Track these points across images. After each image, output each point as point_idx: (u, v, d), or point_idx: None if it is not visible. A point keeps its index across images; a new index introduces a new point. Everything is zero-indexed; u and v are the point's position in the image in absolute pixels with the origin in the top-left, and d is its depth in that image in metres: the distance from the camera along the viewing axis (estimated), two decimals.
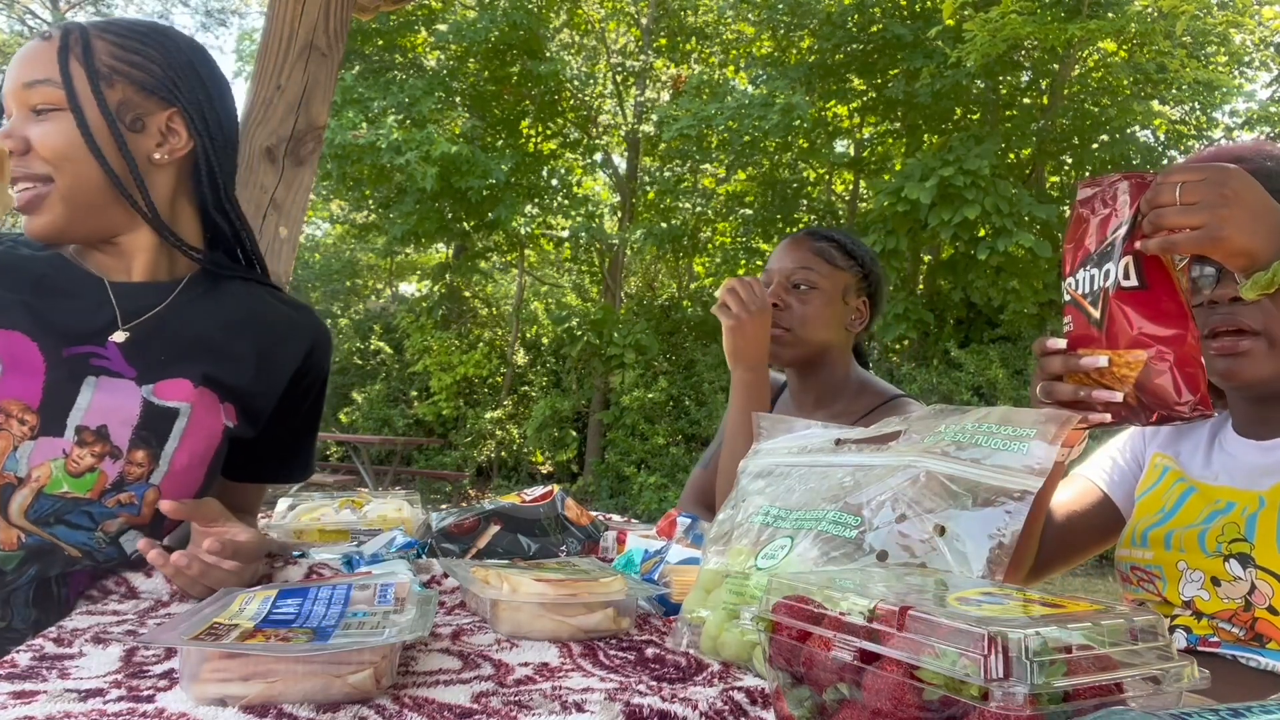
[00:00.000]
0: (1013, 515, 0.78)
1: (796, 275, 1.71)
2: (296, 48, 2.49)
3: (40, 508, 1.08)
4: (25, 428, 1.06)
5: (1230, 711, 0.46)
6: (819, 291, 1.71)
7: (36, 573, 1.09)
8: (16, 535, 1.07)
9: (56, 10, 16.47)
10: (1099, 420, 0.91)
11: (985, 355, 8.63)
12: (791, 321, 1.69)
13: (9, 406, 1.06)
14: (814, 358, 1.73)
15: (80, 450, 1.08)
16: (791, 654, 0.61)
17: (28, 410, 1.06)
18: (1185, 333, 0.89)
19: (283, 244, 2.45)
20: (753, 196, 12.03)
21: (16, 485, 1.07)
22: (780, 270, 1.72)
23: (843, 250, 1.75)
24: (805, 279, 1.71)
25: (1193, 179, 0.86)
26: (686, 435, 10.50)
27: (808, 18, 10.46)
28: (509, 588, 0.92)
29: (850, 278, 1.75)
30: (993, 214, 8.35)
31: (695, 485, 1.87)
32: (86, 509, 1.10)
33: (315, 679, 0.67)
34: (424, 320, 12.62)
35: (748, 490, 1.00)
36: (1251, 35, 9.99)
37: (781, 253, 1.76)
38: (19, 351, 1.06)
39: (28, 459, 1.07)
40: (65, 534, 1.10)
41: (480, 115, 11.91)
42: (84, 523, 1.11)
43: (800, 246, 1.75)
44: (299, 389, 1.28)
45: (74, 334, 1.10)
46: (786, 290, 1.70)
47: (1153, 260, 0.90)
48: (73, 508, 1.09)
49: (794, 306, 1.69)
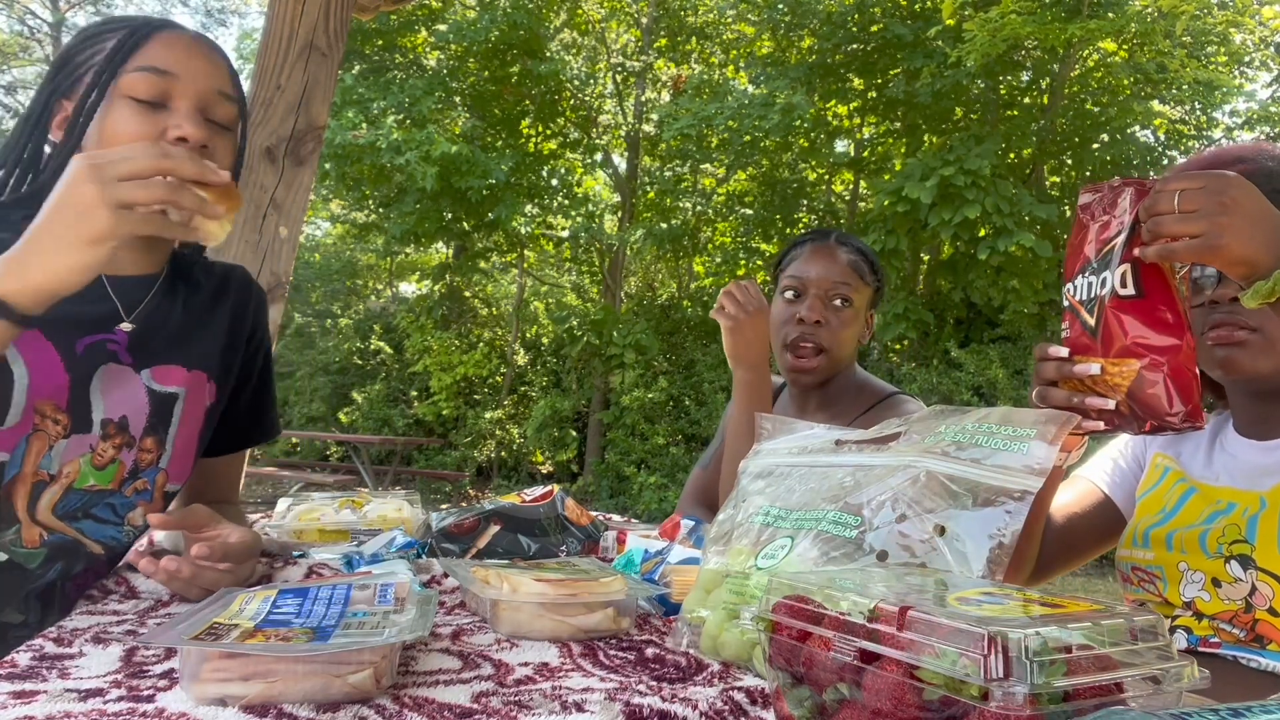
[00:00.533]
0: (1013, 515, 0.78)
1: (837, 290, 1.66)
2: (296, 48, 2.49)
3: (68, 503, 1.11)
4: (59, 427, 1.08)
5: (1230, 711, 0.46)
6: (853, 309, 1.68)
7: (61, 570, 1.11)
8: (39, 533, 1.09)
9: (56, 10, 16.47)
10: (1092, 428, 0.91)
11: (985, 355, 8.62)
12: (830, 341, 1.66)
13: (43, 407, 1.06)
14: (834, 374, 1.72)
15: (104, 444, 1.11)
16: (791, 654, 0.61)
17: (59, 410, 1.08)
18: (1181, 342, 0.88)
19: (283, 244, 2.45)
20: (753, 196, 12.03)
21: (48, 482, 1.09)
22: (819, 283, 1.67)
23: (870, 264, 1.73)
24: (844, 294, 1.66)
25: (1191, 186, 0.85)
26: (686, 435, 10.50)
27: (808, 17, 10.45)
28: (509, 588, 0.92)
29: (871, 294, 1.73)
30: (993, 214, 8.35)
31: (695, 485, 1.87)
32: (110, 501, 1.14)
33: (315, 679, 0.67)
34: (424, 320, 12.62)
35: (748, 490, 1.00)
36: (1251, 35, 9.99)
37: (818, 262, 1.69)
38: (39, 350, 1.06)
39: (60, 457, 1.09)
40: (92, 529, 1.13)
41: (480, 115, 11.91)
42: (109, 516, 1.14)
43: (837, 259, 1.69)
44: (252, 347, 1.31)
45: (85, 324, 1.10)
46: (825, 305, 1.66)
47: (1151, 268, 0.89)
48: (98, 501, 1.12)
49: (832, 323, 1.66)
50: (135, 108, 1.06)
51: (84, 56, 1.10)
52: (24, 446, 1.06)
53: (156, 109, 1.07)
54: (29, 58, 16.66)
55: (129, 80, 1.06)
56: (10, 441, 1.05)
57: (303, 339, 14.22)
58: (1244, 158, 1.09)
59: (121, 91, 1.06)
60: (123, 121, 1.06)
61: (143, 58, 1.07)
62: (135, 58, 1.07)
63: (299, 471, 10.66)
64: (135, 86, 1.06)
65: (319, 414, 13.53)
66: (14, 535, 1.08)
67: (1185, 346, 0.88)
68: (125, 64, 1.07)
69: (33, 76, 16.82)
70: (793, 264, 1.73)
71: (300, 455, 13.44)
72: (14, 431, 1.05)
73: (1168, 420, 0.87)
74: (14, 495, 1.07)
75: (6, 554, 1.08)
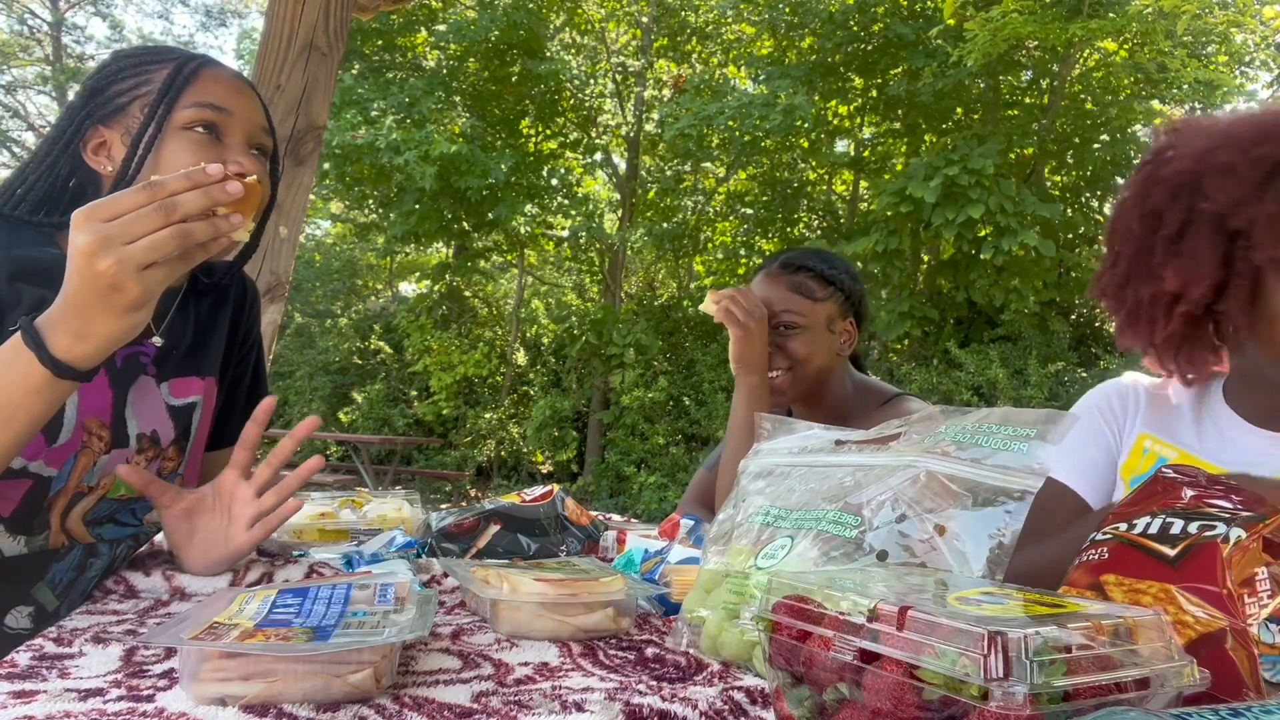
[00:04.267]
0: (1013, 515, 0.78)
1: (779, 318, 1.69)
2: (296, 48, 2.49)
3: (98, 511, 1.15)
4: (102, 444, 1.11)
5: (1230, 711, 0.46)
6: (803, 330, 1.69)
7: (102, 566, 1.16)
8: (64, 539, 1.13)
9: (56, 10, 16.46)
10: None
11: (985, 355, 8.62)
12: (786, 362, 1.69)
13: (90, 424, 1.09)
14: (816, 389, 1.73)
15: (139, 456, 1.15)
16: (791, 654, 0.61)
17: (103, 426, 1.11)
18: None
19: (283, 244, 2.46)
20: (753, 196, 12.02)
21: (85, 494, 1.13)
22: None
23: (820, 279, 1.73)
24: (787, 320, 1.69)
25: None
26: (686, 435, 10.50)
27: (809, 17, 10.45)
28: (509, 588, 0.92)
29: (832, 306, 1.73)
30: (996, 213, 8.34)
31: (698, 487, 1.87)
32: (132, 506, 1.18)
33: (315, 678, 0.67)
34: (424, 320, 12.61)
35: (748, 490, 1.00)
36: (1252, 35, 9.98)
37: (762, 292, 1.73)
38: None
39: (101, 471, 1.13)
40: (112, 531, 1.17)
41: (480, 115, 11.90)
42: (129, 520, 1.19)
43: (777, 284, 1.72)
44: (248, 344, 1.35)
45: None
46: (774, 332, 1.68)
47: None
48: (123, 507, 1.17)
49: (786, 346, 1.69)
50: (195, 141, 1.10)
51: (124, 86, 1.14)
52: (72, 463, 1.09)
53: (214, 143, 1.11)
54: (29, 57, 16.65)
55: (187, 115, 1.11)
56: (60, 458, 1.08)
57: (303, 339, 14.22)
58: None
59: (178, 125, 1.11)
60: (184, 154, 1.09)
61: (198, 93, 1.12)
62: (189, 93, 1.12)
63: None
64: (196, 120, 1.11)
65: (319, 414, 13.53)
66: (42, 540, 1.11)
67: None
68: (180, 99, 1.11)
69: (33, 76, 16.81)
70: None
71: (300, 455, 13.43)
72: (64, 449, 1.08)
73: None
74: (54, 507, 1.10)
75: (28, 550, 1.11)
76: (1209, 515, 0.71)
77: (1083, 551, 0.76)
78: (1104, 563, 0.73)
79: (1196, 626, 0.64)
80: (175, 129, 1.11)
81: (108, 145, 1.14)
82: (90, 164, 1.14)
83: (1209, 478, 0.78)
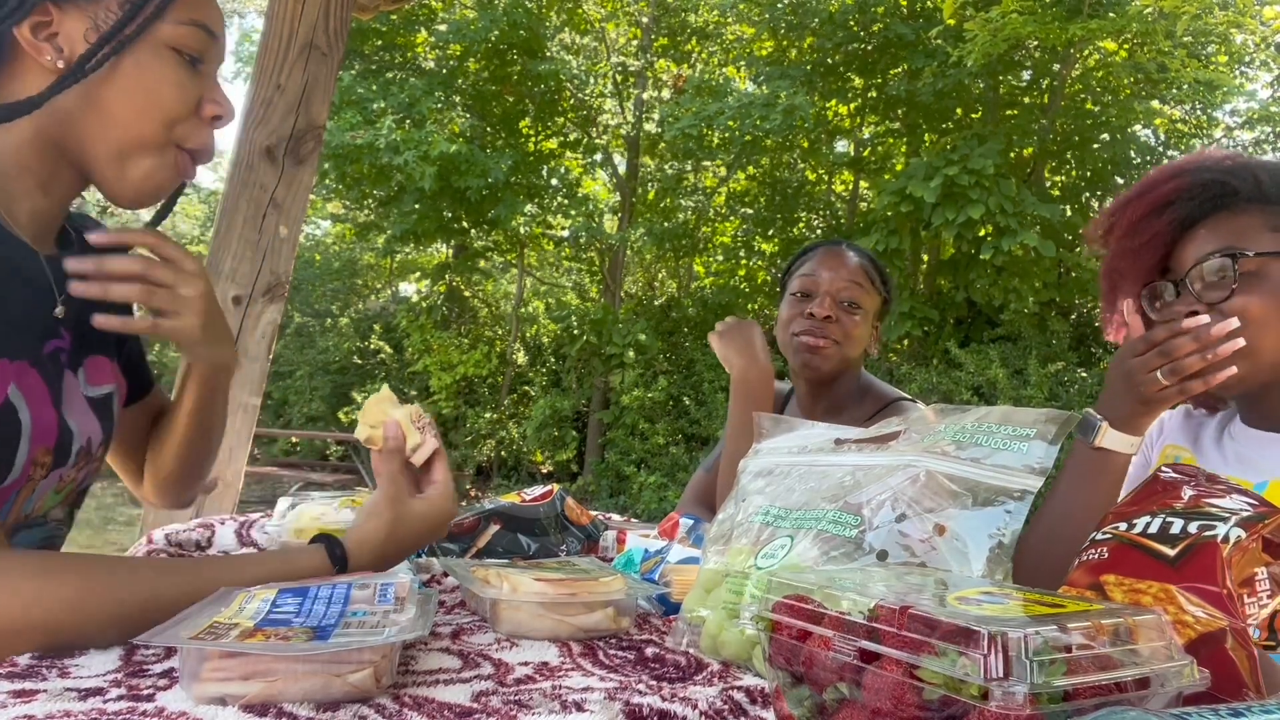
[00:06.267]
0: (1012, 515, 0.78)
1: (848, 292, 1.70)
2: (296, 47, 2.49)
3: (19, 526, 1.02)
4: (43, 469, 0.98)
5: (1230, 711, 0.46)
6: (863, 312, 1.72)
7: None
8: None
9: None
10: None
11: (985, 355, 8.62)
12: (839, 335, 1.69)
13: (37, 454, 0.96)
14: (840, 374, 1.74)
15: (72, 470, 1.03)
16: (791, 653, 0.61)
17: (47, 452, 0.98)
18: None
19: (283, 243, 2.45)
20: (753, 196, 12.02)
21: (24, 524, 1.01)
22: (830, 284, 1.70)
23: (880, 273, 1.77)
24: (855, 297, 1.70)
25: None
26: (686, 435, 10.50)
27: (809, 17, 10.45)
28: (509, 587, 0.92)
29: (878, 302, 1.76)
30: (996, 213, 8.35)
31: (696, 487, 1.87)
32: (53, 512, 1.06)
33: (315, 678, 0.67)
34: (424, 320, 12.62)
35: (748, 490, 1.00)
36: (1252, 35, 9.98)
37: (829, 265, 1.73)
38: (32, 386, 0.95)
39: (39, 497, 1.00)
40: (25, 538, 1.03)
41: (480, 115, 11.91)
42: (40, 521, 1.05)
43: (848, 262, 1.73)
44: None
45: (44, 327, 0.98)
46: (836, 304, 1.69)
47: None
48: (44, 518, 1.04)
49: (843, 321, 1.69)
50: (179, 63, 0.96)
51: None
52: (13, 499, 0.96)
53: (195, 67, 0.98)
54: None
55: (179, 32, 0.96)
56: (4, 498, 0.94)
57: (303, 339, 14.23)
58: (1180, 171, 1.12)
59: (165, 39, 0.95)
60: (168, 75, 0.95)
61: (193, 7, 0.97)
62: (181, 6, 0.96)
63: (299, 471, 10.67)
64: (185, 40, 0.96)
65: (319, 413, 13.54)
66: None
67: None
68: (171, 6, 0.95)
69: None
70: (804, 266, 1.76)
71: (300, 455, 13.45)
72: (9, 488, 0.94)
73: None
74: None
75: None
76: (1209, 515, 0.71)
77: (1083, 551, 0.76)
78: (1104, 562, 0.73)
79: (1196, 626, 0.65)
80: (156, 42, 0.94)
81: (57, 31, 0.92)
82: (22, 45, 0.92)
83: (1209, 476, 0.78)
